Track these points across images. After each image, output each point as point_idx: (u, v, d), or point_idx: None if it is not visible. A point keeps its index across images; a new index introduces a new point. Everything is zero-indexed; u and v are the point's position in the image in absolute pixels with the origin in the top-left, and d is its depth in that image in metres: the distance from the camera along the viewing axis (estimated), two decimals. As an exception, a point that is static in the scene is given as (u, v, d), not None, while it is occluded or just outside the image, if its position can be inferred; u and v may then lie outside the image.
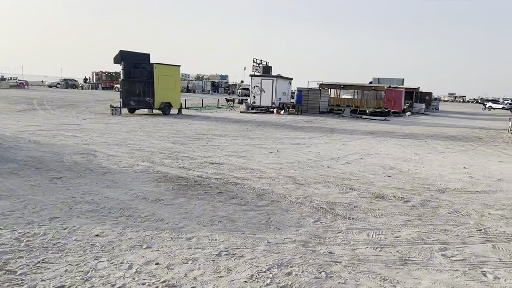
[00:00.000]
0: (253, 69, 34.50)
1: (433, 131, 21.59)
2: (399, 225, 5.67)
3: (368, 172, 9.27)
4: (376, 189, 7.68)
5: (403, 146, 14.50)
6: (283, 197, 6.85)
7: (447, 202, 7.00)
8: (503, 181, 9.02)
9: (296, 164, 9.89)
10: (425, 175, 9.31)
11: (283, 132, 17.14)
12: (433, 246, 4.94)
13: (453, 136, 19.36)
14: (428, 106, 50.65)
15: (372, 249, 4.76)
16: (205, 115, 24.75)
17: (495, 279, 4.12)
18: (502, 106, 68.22)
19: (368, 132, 19.03)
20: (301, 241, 4.91)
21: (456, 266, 4.41)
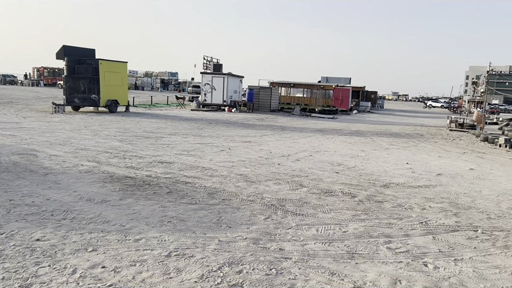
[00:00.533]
0: (203, 66, 34.19)
1: (378, 128, 22.46)
2: (347, 220, 5.83)
3: (317, 169, 9.47)
4: (324, 185, 7.85)
5: (350, 143, 14.96)
6: (234, 195, 6.84)
7: (392, 196, 7.30)
8: (442, 175, 9.54)
9: (247, 162, 9.91)
10: (371, 171, 9.65)
11: (234, 130, 17.13)
12: (378, 239, 5.12)
13: (396, 133, 20.24)
14: (373, 104, 52.65)
15: (321, 244, 4.86)
16: (154, 113, 24.21)
17: (435, 269, 4.34)
18: (441, 105, 72.23)
19: (317, 130, 19.46)
20: (252, 239, 4.92)
21: (400, 258, 4.60)
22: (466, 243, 5.17)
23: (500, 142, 16.03)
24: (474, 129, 22.90)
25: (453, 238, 5.31)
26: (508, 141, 15.99)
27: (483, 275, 4.24)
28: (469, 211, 6.61)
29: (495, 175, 9.98)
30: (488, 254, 4.85)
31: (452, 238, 5.31)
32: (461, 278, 4.14)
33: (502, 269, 4.43)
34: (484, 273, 4.30)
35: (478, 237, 5.42)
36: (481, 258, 4.70)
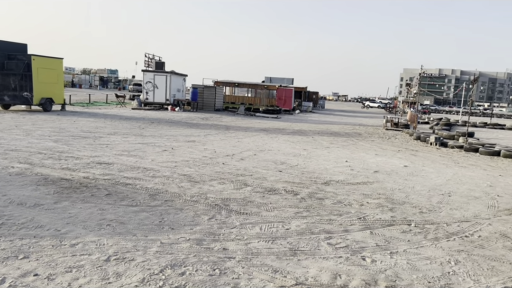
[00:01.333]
0: (145, 64, 33.31)
1: (319, 128, 23.11)
2: (290, 217, 5.93)
3: (261, 168, 9.56)
4: (268, 184, 7.94)
5: (293, 142, 15.26)
6: (177, 196, 6.72)
7: (332, 193, 7.53)
8: (379, 172, 10.00)
9: (191, 161, 9.79)
10: (312, 169, 9.90)
11: (178, 130, 16.85)
12: (319, 236, 5.26)
13: (337, 132, 20.94)
14: (315, 104, 54.12)
15: (265, 242, 4.91)
16: (93, 112, 23.22)
17: (372, 263, 4.53)
18: (378, 105, 75.77)
19: (261, 129, 19.65)
20: (196, 240, 4.86)
21: (340, 253, 4.76)
22: (401, 236, 5.46)
23: (431, 141, 17.10)
24: (408, 128, 24.23)
25: (389, 232, 5.58)
26: (438, 139, 17.09)
27: (416, 267, 4.49)
28: (403, 206, 6.98)
29: (427, 171, 10.63)
30: (421, 246, 5.14)
31: (388, 232, 5.58)
32: (396, 270, 4.36)
33: (432, 260, 4.72)
34: (416, 264, 4.56)
35: (411, 230, 5.74)
36: (414, 251, 4.97)
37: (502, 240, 5.54)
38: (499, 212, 6.98)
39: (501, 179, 10.12)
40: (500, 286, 4.12)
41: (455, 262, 4.68)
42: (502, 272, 4.49)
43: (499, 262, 4.78)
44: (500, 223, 6.35)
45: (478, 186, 9.10)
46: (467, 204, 7.42)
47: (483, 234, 5.77)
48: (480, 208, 7.17)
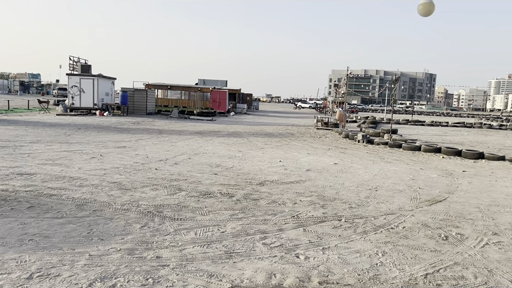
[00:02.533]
0: (69, 67, 31.60)
1: (254, 129, 23.36)
2: (225, 220, 5.92)
3: (196, 172, 9.45)
4: (203, 187, 7.87)
5: (228, 144, 15.27)
6: (107, 205, 6.43)
7: (267, 193, 7.63)
8: (311, 171, 10.30)
9: (121, 168, 9.42)
10: (247, 170, 9.97)
11: (107, 135, 16.17)
12: (255, 236, 5.30)
13: (271, 133, 21.29)
14: (249, 106, 54.63)
15: (200, 247, 4.84)
16: (13, 119, 21.58)
17: (306, 259, 4.65)
18: (309, 106, 78.18)
19: (196, 132, 19.45)
20: (127, 249, 4.68)
21: (274, 252, 4.82)
22: (332, 232, 5.65)
23: (359, 138, 17.96)
24: (337, 127, 25.26)
25: (321, 229, 5.76)
26: (365, 137, 17.99)
27: (347, 260, 4.67)
28: (334, 203, 7.24)
29: (355, 168, 11.13)
30: (351, 240, 5.36)
31: (320, 229, 5.76)
32: (328, 265, 4.50)
33: (362, 253, 4.94)
34: (347, 258, 4.75)
35: (342, 225, 5.97)
36: (345, 245, 5.17)
37: (423, 230, 5.94)
38: (420, 204, 7.48)
39: (422, 172, 10.87)
40: (422, 273, 4.41)
41: (382, 253, 4.94)
42: (424, 259, 4.81)
43: (421, 250, 5.12)
44: (422, 213, 6.81)
45: (402, 180, 9.70)
46: (392, 197, 7.88)
47: (407, 225, 6.15)
48: (404, 201, 7.63)
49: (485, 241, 5.55)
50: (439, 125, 35.59)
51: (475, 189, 9.01)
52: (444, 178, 10.12)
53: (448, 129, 31.67)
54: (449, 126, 34.94)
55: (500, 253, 5.15)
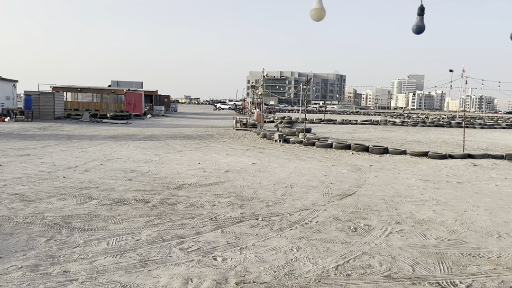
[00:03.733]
0: (-38, 68, 28.45)
1: (172, 131, 22.91)
2: (140, 227, 5.71)
3: (109, 178, 9.01)
4: (117, 195, 7.52)
5: (144, 148, 14.79)
6: (6, 219, 5.87)
7: (184, 197, 7.51)
8: (229, 172, 10.35)
9: (24, 178, 8.68)
10: (164, 174, 9.74)
11: (8, 143, 14.79)
12: (171, 242, 5.18)
13: (189, 135, 21.04)
14: (167, 108, 53.54)
15: (112, 258, 4.61)
16: None
17: (223, 261, 4.64)
18: (229, 107, 78.64)
19: (109, 137, 18.57)
20: (30, 266, 4.30)
21: (192, 256, 4.75)
22: (250, 231, 5.72)
23: (275, 138, 18.44)
24: (255, 128, 25.71)
25: (239, 229, 5.81)
26: (281, 136, 18.53)
27: (263, 258, 4.76)
28: (252, 202, 7.34)
29: (272, 167, 11.41)
30: (267, 238, 5.47)
31: (238, 229, 5.80)
32: (246, 265, 4.55)
33: (277, 249, 5.06)
34: (264, 256, 4.83)
35: (259, 224, 6.07)
36: (262, 243, 5.26)
37: (335, 223, 6.26)
38: (332, 198, 7.87)
39: (333, 169, 11.45)
40: (334, 265, 4.64)
41: (297, 248, 5.11)
42: (335, 252, 5.06)
43: (333, 243, 5.38)
44: (333, 208, 7.17)
45: (315, 176, 10.14)
46: (307, 193, 8.19)
47: (320, 219, 6.43)
48: (317, 196, 7.98)
49: (389, 230, 5.99)
50: (349, 123, 37.86)
51: (381, 182, 9.70)
52: (354, 173, 10.77)
53: (357, 127, 33.79)
54: (358, 124, 37.32)
55: (402, 240, 5.59)
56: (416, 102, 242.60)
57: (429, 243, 5.50)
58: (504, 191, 8.98)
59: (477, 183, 9.90)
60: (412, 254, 5.06)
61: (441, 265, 4.72)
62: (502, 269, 4.68)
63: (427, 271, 4.54)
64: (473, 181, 10.15)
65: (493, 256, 5.07)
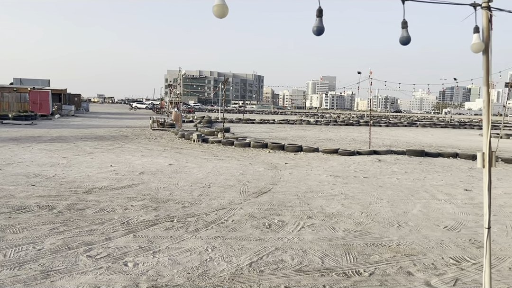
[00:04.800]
0: None
1: (83, 132, 21.63)
2: (43, 236, 5.30)
3: (8, 184, 8.25)
4: (17, 202, 6.91)
5: (50, 150, 13.77)
6: None
7: (94, 202, 7.12)
8: (144, 173, 10.03)
9: None
10: (73, 178, 9.15)
11: None
12: (78, 250, 4.88)
13: (102, 136, 20.01)
14: (78, 108, 50.44)
15: (9, 270, 4.22)
16: None
17: (134, 266, 4.48)
18: (146, 106, 76.19)
19: (10, 139, 17.00)
20: None
21: (100, 263, 4.51)
22: (164, 234, 5.59)
23: (194, 138, 18.26)
24: (174, 128, 25.23)
25: (153, 232, 5.64)
26: (200, 136, 18.39)
27: (177, 261, 4.67)
28: (167, 204, 7.18)
29: (190, 167, 11.27)
30: (182, 240, 5.39)
31: (152, 232, 5.63)
32: (158, 269, 4.43)
33: (192, 251, 5.00)
34: (178, 258, 4.74)
35: (174, 226, 5.95)
36: (176, 245, 5.17)
37: (250, 221, 6.35)
38: (249, 196, 7.98)
39: (251, 167, 11.63)
40: (248, 262, 4.70)
41: (212, 248, 5.10)
42: (249, 249, 5.13)
43: (248, 240, 5.45)
44: (250, 206, 7.27)
45: (233, 175, 10.21)
46: (224, 193, 8.22)
47: (236, 218, 6.48)
48: (234, 195, 8.03)
49: (302, 225, 6.22)
50: (267, 123, 38.75)
51: (295, 179, 10.05)
52: (270, 171, 11.03)
53: (274, 126, 34.69)
54: (276, 123, 38.34)
55: (313, 234, 5.84)
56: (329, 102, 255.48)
57: (338, 235, 5.81)
58: (404, 184, 9.80)
59: (381, 177, 10.68)
60: (322, 247, 5.30)
61: (347, 256, 5.01)
62: (400, 256, 5.09)
63: (335, 262, 4.79)
64: (378, 175, 10.93)
65: (393, 245, 5.50)
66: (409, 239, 5.76)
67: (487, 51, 2.51)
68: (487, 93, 2.67)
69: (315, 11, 2.64)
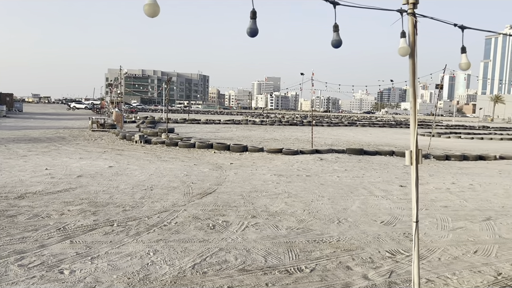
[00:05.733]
0: None
1: (15, 134, 20.31)
2: (-32, 246, 4.92)
3: None
4: None
5: (-22, 154, 12.80)
6: None
7: (27, 207, 6.72)
8: (83, 177, 9.60)
9: None
10: (3, 183, 8.57)
11: None
12: (8, 259, 4.58)
13: (37, 138, 18.92)
14: (10, 108, 47.38)
15: None
16: None
17: (71, 274, 4.27)
18: (85, 106, 72.97)
19: None
20: None
21: (33, 272, 4.27)
22: (103, 239, 5.39)
23: (136, 139, 17.76)
24: (115, 129, 24.38)
25: (91, 237, 5.42)
26: (143, 137, 17.93)
27: (117, 266, 4.52)
28: (107, 208, 6.93)
29: (132, 169, 10.95)
30: (122, 244, 5.22)
31: (90, 238, 5.41)
32: (97, 275, 4.26)
33: (133, 255, 4.86)
34: (117, 263, 4.59)
35: (114, 230, 5.75)
36: (116, 250, 5.00)
37: (194, 222, 6.28)
38: (193, 198, 7.90)
39: (195, 168, 11.51)
40: (191, 264, 4.65)
41: (154, 252, 4.99)
42: (193, 251, 5.08)
43: (191, 242, 5.39)
44: (194, 207, 7.20)
45: (177, 176, 10.05)
46: (167, 195, 8.07)
47: (179, 220, 6.39)
48: (178, 197, 7.92)
49: (246, 225, 6.26)
50: (213, 123, 38.58)
51: (240, 179, 10.09)
52: (215, 172, 10.99)
53: (220, 126, 34.61)
54: (222, 124, 38.26)
55: (257, 233, 5.89)
56: (274, 102, 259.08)
57: (281, 233, 5.91)
58: (344, 182, 10.16)
59: (322, 175, 11.00)
60: (265, 245, 5.37)
61: (290, 253, 5.11)
62: (340, 251, 5.28)
63: (278, 260, 4.87)
64: (320, 173, 11.25)
65: (334, 241, 5.69)
66: (349, 234, 5.99)
67: (413, 55, 2.69)
68: (414, 95, 2.83)
69: (249, 13, 2.67)
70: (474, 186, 10.16)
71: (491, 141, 28.91)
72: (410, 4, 2.59)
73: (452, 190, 9.51)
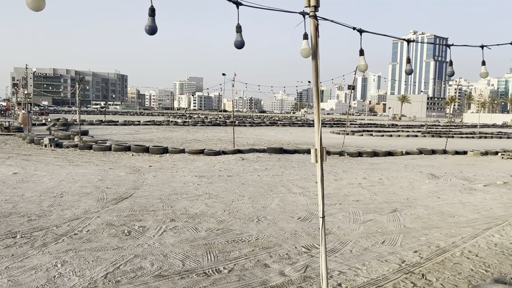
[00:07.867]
0: None
1: None
2: None
3: None
4: None
5: None
6: None
7: None
8: (-19, 185, 8.70)
9: None
10: None
11: None
12: None
13: None
14: None
15: None
16: None
17: (-38, 294, 3.84)
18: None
19: None
20: None
21: None
22: (4, 253, 4.92)
23: (45, 143, 16.52)
24: (21, 132, 22.49)
25: (-12, 252, 4.91)
26: (53, 140, 16.74)
27: (19, 281, 4.15)
28: (9, 218, 6.34)
29: (39, 175, 10.15)
30: (26, 257, 4.80)
31: (-13, 253, 4.90)
32: (-7, 294, 3.87)
33: (38, 268, 4.49)
34: (19, 278, 4.21)
35: (17, 243, 5.28)
36: (18, 264, 4.59)
37: (108, 229, 5.98)
38: (107, 203, 7.52)
39: (111, 172, 10.99)
40: (103, 274, 4.41)
41: (62, 263, 4.65)
42: (106, 259, 4.82)
43: (104, 251, 5.12)
44: (108, 213, 6.85)
45: (90, 182, 9.51)
46: (79, 201, 7.60)
47: (91, 228, 6.03)
48: (90, 203, 7.48)
49: (164, 229, 6.09)
50: (132, 124, 37.22)
51: (159, 181, 9.82)
52: (132, 175, 10.58)
53: (140, 128, 33.48)
54: (141, 125, 37.03)
55: (175, 236, 5.76)
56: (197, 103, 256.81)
57: (200, 235, 5.84)
58: (264, 180, 10.34)
59: (244, 175, 11.10)
60: (183, 249, 5.26)
61: (209, 255, 5.06)
62: (258, 250, 5.34)
63: (196, 263, 4.80)
64: (241, 173, 11.34)
65: (252, 239, 5.75)
66: (267, 232, 6.09)
67: (315, 56, 2.79)
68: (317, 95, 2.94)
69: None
70: (383, 180, 10.90)
71: (399, 138, 31.32)
72: (312, 7, 2.69)
73: (364, 185, 10.11)
